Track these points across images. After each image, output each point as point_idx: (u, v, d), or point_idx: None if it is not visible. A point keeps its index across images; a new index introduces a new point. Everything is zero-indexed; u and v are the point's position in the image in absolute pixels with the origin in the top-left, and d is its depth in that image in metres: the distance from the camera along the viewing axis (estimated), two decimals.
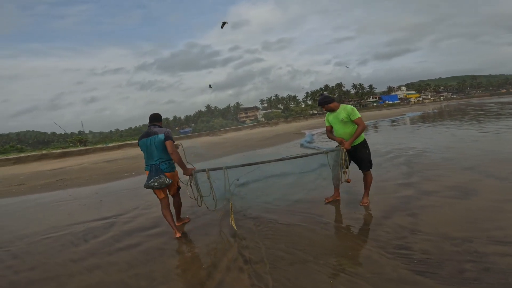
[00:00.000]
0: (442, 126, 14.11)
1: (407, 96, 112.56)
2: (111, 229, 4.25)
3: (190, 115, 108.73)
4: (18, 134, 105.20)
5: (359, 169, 3.96)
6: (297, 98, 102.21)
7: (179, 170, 3.76)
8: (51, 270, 3.15)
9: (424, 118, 23.04)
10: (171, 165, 3.68)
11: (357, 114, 3.80)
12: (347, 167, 3.85)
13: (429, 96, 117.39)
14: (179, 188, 3.92)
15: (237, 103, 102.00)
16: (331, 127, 4.03)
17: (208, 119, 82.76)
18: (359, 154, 3.87)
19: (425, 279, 2.24)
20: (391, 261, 2.53)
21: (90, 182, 8.97)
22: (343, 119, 3.80)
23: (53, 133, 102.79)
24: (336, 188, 4.22)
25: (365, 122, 3.95)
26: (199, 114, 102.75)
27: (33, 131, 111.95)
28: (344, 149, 3.75)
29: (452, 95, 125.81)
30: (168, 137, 3.57)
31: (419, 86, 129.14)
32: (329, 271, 2.48)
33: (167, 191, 3.79)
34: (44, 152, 23.26)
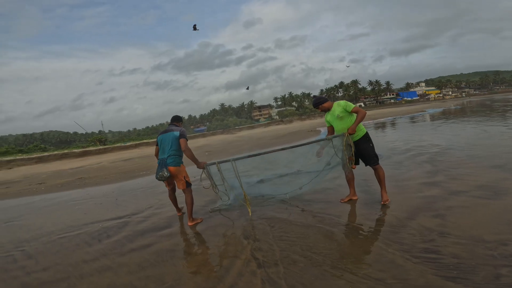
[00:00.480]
0: (466, 122, 13.42)
1: (427, 93, 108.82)
2: (125, 229, 4.23)
3: (204, 114, 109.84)
4: (42, 134, 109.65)
5: (366, 165, 3.81)
6: (312, 95, 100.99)
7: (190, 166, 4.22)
8: (62, 271, 3.12)
9: (446, 115, 22.09)
10: (175, 160, 3.99)
11: (352, 105, 3.75)
12: (353, 154, 3.74)
13: (450, 92, 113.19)
14: (189, 184, 4.06)
15: (251, 101, 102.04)
16: (332, 127, 3.96)
17: (223, 118, 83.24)
18: (362, 149, 3.74)
19: (457, 285, 2.03)
20: (418, 266, 2.32)
21: (107, 181, 9.11)
22: (339, 115, 3.76)
23: (75, 133, 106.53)
24: (352, 186, 4.01)
25: (382, 119, 3.80)
26: (214, 112, 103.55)
27: (56, 131, 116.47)
28: (347, 134, 3.64)
29: (474, 91, 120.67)
30: (182, 135, 3.98)
31: (439, 82, 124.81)
32: (348, 277, 2.30)
33: (175, 185, 4.26)
34: (65, 151, 24.06)
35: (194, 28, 16.59)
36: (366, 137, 3.77)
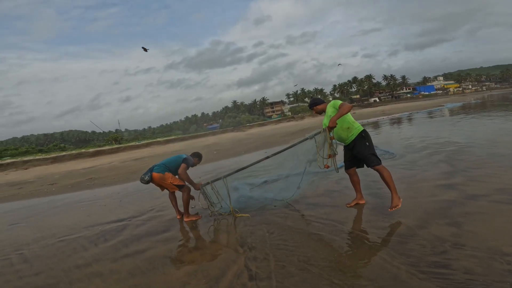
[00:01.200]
0: (487, 117, 12.66)
1: (445, 87, 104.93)
2: (122, 233, 4.14)
3: (217, 111, 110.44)
4: (62, 133, 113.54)
5: (368, 166, 3.44)
6: (324, 91, 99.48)
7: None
8: (54, 276, 3.05)
9: (466, 109, 21.06)
10: (161, 168, 4.22)
11: (339, 101, 3.49)
12: (333, 153, 3.54)
13: (470, 86, 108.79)
14: (180, 186, 4.21)
15: (263, 98, 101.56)
16: None
17: (235, 115, 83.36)
18: (358, 149, 3.41)
19: None
20: (424, 283, 2.06)
21: (115, 181, 9.15)
22: (331, 115, 3.46)
23: (93, 132, 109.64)
24: (358, 190, 3.73)
25: (398, 114, 3.54)
26: (226, 110, 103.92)
27: (75, 130, 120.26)
28: (327, 129, 3.36)
29: (495, 84, 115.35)
30: (185, 160, 4.23)
31: (458, 76, 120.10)
32: None
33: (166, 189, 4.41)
34: (82, 150, 24.67)
35: (144, 49, 16.80)
36: (362, 136, 3.44)
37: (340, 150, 3.76)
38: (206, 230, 3.77)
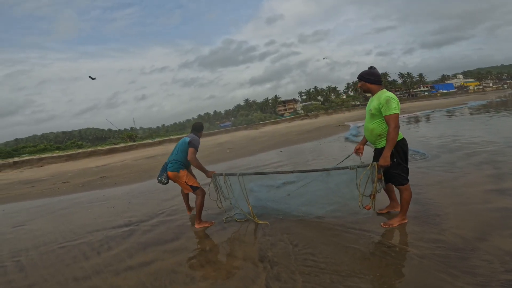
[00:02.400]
0: None
1: (465, 85, 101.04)
2: (128, 240, 3.76)
3: (229, 109, 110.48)
4: (80, 131, 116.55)
5: (390, 182, 2.94)
6: (338, 89, 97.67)
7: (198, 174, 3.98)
8: None
9: (492, 107, 19.86)
10: (174, 165, 3.81)
11: (392, 109, 2.67)
12: (376, 192, 2.88)
13: (491, 84, 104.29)
14: (195, 188, 3.85)
15: (275, 96, 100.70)
16: None
17: (247, 113, 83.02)
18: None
19: None
20: None
21: (126, 181, 8.89)
22: (371, 110, 2.86)
23: (109, 130, 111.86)
24: (392, 198, 3.22)
25: (418, 112, 3.07)
26: (238, 108, 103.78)
27: (92, 128, 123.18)
28: (377, 166, 2.77)
29: None
30: (191, 143, 3.75)
31: (478, 74, 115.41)
32: None
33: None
34: (95, 148, 24.87)
35: (91, 78, 17.06)
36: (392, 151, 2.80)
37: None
38: (220, 240, 3.33)
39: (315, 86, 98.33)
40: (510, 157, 4.85)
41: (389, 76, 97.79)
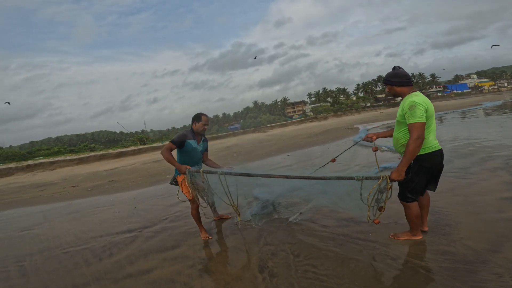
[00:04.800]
0: None
1: (479, 85, 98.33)
2: (130, 246, 3.74)
3: (238, 112, 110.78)
4: (93, 134, 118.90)
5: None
6: (347, 90, 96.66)
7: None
8: None
9: (508, 108, 19.19)
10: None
11: (416, 116, 2.30)
12: (383, 204, 2.59)
13: (506, 84, 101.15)
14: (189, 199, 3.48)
15: (284, 98, 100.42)
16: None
17: (256, 115, 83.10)
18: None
19: None
20: None
21: (134, 185, 8.94)
22: (397, 116, 2.55)
23: (121, 132, 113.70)
24: (424, 214, 2.87)
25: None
26: (247, 110, 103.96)
27: (105, 131, 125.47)
28: (388, 179, 2.42)
29: None
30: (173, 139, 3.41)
31: (493, 74, 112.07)
32: None
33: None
34: (106, 151, 25.28)
35: (8, 103, 17.45)
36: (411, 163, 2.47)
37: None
38: (220, 248, 3.26)
39: (324, 88, 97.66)
40: None
41: None
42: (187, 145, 3.35)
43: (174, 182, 3.57)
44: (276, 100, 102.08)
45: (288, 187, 3.54)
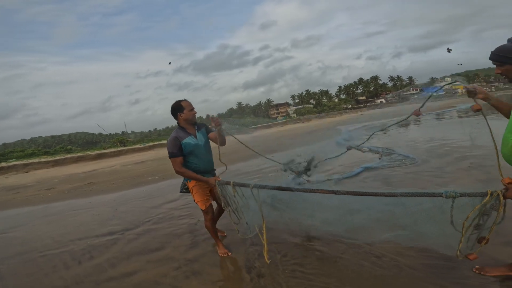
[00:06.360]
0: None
1: (453, 87, 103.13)
2: (112, 249, 3.64)
3: (222, 113, 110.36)
4: (69, 135, 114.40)
5: None
6: (330, 92, 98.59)
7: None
8: None
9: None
10: None
11: None
12: (486, 234, 1.83)
13: None
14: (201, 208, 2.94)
15: (268, 99, 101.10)
16: None
17: (240, 117, 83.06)
18: None
19: None
20: None
21: (114, 188, 8.68)
22: None
23: (100, 134, 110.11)
24: None
25: (408, 117, 2.78)
26: (231, 111, 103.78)
27: (82, 132, 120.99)
28: (501, 196, 1.68)
29: (504, 84, 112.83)
30: (169, 149, 2.71)
31: (466, 77, 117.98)
32: None
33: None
34: (84, 153, 24.36)
35: None
36: None
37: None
38: (206, 250, 3.21)
39: (308, 90, 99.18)
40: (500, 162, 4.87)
41: (380, 80, 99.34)
42: (186, 147, 2.70)
43: (185, 189, 2.95)
44: (260, 101, 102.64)
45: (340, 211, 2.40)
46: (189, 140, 2.72)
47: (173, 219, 4.46)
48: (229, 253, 2.96)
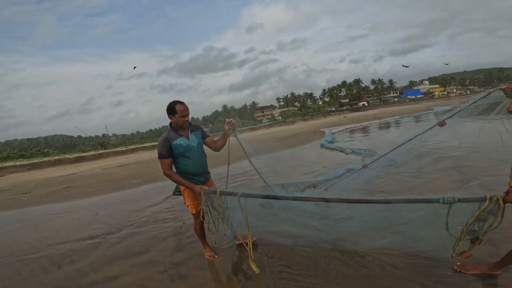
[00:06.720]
0: (482, 121, 12.52)
1: (431, 90, 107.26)
2: (93, 253, 3.53)
3: (207, 116, 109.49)
4: (46, 138, 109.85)
5: None
6: (314, 95, 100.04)
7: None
8: None
9: (456, 114, 21.12)
10: None
11: None
12: (481, 235, 1.80)
13: (455, 90, 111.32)
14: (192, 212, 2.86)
15: (253, 102, 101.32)
16: None
17: (225, 119, 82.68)
18: None
19: None
20: None
21: (94, 191, 8.40)
22: None
23: (79, 137, 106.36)
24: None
25: (389, 118, 2.93)
26: (216, 114, 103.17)
27: (60, 135, 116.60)
28: (501, 201, 1.64)
29: (478, 88, 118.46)
30: (159, 151, 2.62)
31: (443, 80, 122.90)
32: None
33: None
34: (62, 156, 23.47)
35: None
36: None
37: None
38: (192, 252, 3.18)
39: (292, 92, 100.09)
40: (474, 162, 5.11)
41: (362, 83, 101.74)
42: (177, 148, 2.59)
43: (178, 192, 2.88)
44: (245, 104, 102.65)
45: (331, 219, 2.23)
46: (180, 142, 2.62)
47: (157, 223, 4.38)
48: (216, 256, 2.94)
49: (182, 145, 2.62)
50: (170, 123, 2.68)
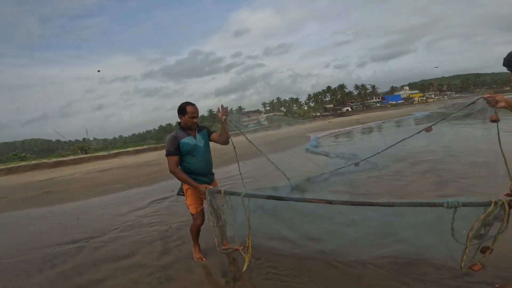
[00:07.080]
0: (459, 125, 13.10)
1: (411, 96, 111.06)
2: (77, 257, 3.47)
3: None
4: (23, 142, 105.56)
5: None
6: (299, 100, 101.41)
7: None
8: None
9: (434, 118, 22.05)
10: None
11: None
12: (492, 243, 1.70)
13: (433, 95, 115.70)
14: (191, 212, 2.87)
15: (239, 106, 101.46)
16: None
17: (211, 124, 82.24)
18: None
19: None
20: None
21: (75, 196, 8.18)
22: None
23: (58, 141, 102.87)
24: None
25: (372, 123, 2.99)
26: (202, 119, 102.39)
27: (37, 139, 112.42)
28: (507, 206, 1.57)
29: (456, 93, 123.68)
30: (167, 148, 2.71)
31: (422, 86, 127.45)
32: None
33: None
34: (40, 161, 22.61)
35: None
36: None
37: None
38: (180, 255, 3.18)
39: (278, 97, 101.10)
40: (450, 165, 5.38)
41: (346, 88, 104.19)
42: (184, 146, 2.67)
43: (181, 192, 2.91)
44: (232, 108, 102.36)
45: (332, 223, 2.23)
46: (188, 140, 2.71)
47: (142, 226, 4.35)
48: (204, 259, 2.96)
49: (190, 144, 2.71)
50: (179, 123, 2.79)
